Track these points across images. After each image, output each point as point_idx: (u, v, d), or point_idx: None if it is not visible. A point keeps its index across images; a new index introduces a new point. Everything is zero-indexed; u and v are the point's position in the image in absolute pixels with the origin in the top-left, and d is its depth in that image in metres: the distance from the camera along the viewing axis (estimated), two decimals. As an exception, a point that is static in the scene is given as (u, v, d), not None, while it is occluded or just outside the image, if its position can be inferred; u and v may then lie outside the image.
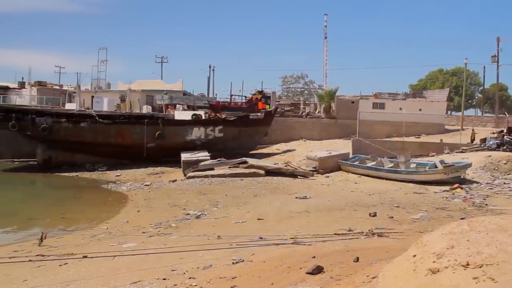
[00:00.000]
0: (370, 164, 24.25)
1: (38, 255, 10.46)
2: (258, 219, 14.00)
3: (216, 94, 57.70)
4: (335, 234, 10.78)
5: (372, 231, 10.95)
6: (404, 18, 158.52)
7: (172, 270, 7.94)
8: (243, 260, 8.25)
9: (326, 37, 64.76)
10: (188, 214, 15.58)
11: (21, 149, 33.47)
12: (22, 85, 53.12)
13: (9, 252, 11.18)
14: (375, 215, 13.63)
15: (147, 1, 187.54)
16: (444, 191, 18.74)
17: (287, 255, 8.44)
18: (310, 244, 9.65)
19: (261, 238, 10.64)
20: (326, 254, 8.27)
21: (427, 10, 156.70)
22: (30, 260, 9.96)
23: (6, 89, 51.45)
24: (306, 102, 57.08)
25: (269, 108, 39.40)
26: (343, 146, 29.87)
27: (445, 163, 21.64)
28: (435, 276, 3.79)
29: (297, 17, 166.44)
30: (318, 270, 6.72)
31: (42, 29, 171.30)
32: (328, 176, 23.52)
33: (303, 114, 44.01)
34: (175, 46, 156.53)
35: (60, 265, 9.39)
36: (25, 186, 25.33)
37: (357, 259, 7.21)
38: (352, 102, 39.32)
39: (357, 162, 24.91)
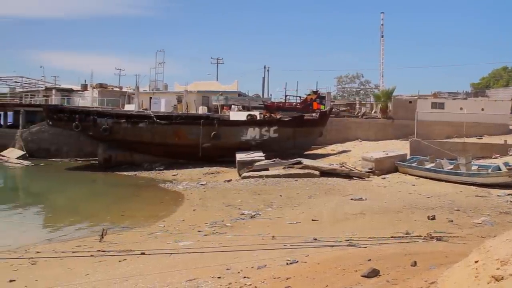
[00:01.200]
0: (428, 165, 23.54)
1: (99, 250, 10.86)
2: (313, 220, 13.91)
3: (271, 95, 57.73)
4: (391, 237, 10.53)
5: (430, 234, 10.61)
6: (464, 14, 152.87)
7: (227, 269, 8.01)
8: (297, 261, 8.20)
9: (382, 36, 63.36)
10: (242, 214, 15.68)
11: (84, 149, 34.92)
12: (84, 87, 55.27)
13: (73, 247, 11.68)
14: (433, 218, 13.21)
15: (204, 4, 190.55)
16: (508, 194, 17.90)
17: (342, 257, 8.33)
18: (365, 247, 9.48)
19: (316, 239, 10.55)
20: (382, 257, 8.09)
21: (489, 6, 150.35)
22: (91, 255, 10.35)
23: (70, 91, 53.75)
24: (362, 102, 56.16)
25: (324, 109, 39.04)
26: (400, 147, 29.14)
27: (509, 166, 20.66)
28: (499, 284, 3.62)
29: (352, 16, 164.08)
30: (374, 273, 6.59)
31: (103, 34, 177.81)
32: (384, 178, 23.02)
33: (359, 114, 43.31)
34: (231, 48, 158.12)
35: (119, 261, 9.69)
36: (87, 184, 26.37)
37: (415, 263, 7.01)
38: (410, 102, 38.27)
39: (415, 163, 24.23)
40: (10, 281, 8.69)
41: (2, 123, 50.66)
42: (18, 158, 35.52)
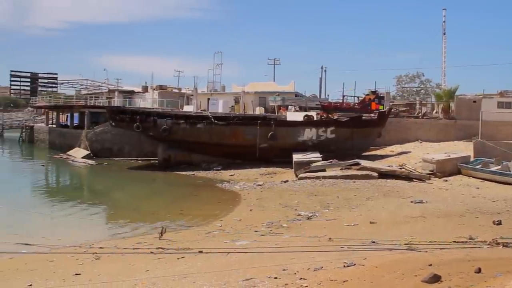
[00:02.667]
0: (494, 168, 22.52)
1: (158, 248, 11.14)
2: (371, 222, 13.65)
3: (328, 95, 57.25)
4: (453, 241, 10.15)
5: (496, 240, 10.13)
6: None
7: (283, 270, 8.00)
8: (355, 264, 8.07)
9: (444, 33, 61.13)
10: (299, 214, 15.63)
11: (144, 149, 35.97)
12: (145, 89, 56.95)
13: (134, 244, 12.05)
14: (500, 223, 12.62)
15: (261, 6, 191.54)
16: None
17: (401, 261, 8.12)
18: (426, 251, 9.19)
19: (374, 242, 10.34)
20: (443, 262, 7.82)
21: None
22: (151, 252, 10.62)
23: (131, 93, 55.55)
24: (423, 102, 54.46)
25: (383, 109, 38.21)
26: (464, 149, 28.08)
27: None
28: None
29: (412, 14, 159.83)
30: (435, 279, 6.37)
31: (164, 37, 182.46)
32: (446, 180, 22.25)
33: (419, 114, 42.06)
34: (287, 48, 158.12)
35: (178, 259, 9.89)
36: (148, 183, 27.15)
37: (479, 270, 6.72)
38: (474, 101, 36.73)
39: (479, 166, 23.25)
40: (76, 274, 9.08)
41: (68, 124, 53.11)
42: (83, 157, 37.09)
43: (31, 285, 8.44)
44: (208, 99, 47.37)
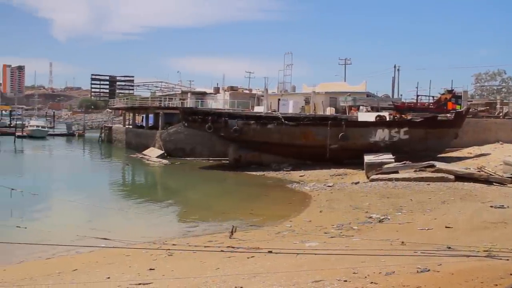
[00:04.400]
0: None
1: (228, 246, 11.30)
2: (446, 227, 13.10)
3: (401, 95, 55.56)
4: (539, 250, 9.52)
5: None
6: None
7: (354, 273, 7.86)
8: (429, 270, 7.77)
9: (529, 29, 57.60)
10: (370, 217, 15.32)
11: (216, 149, 36.68)
12: (217, 90, 58.07)
13: (205, 242, 12.32)
14: None
15: (330, 5, 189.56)
16: None
17: (479, 269, 7.71)
18: (507, 259, 8.68)
19: (449, 247, 9.91)
20: (527, 271, 7.34)
21: None
22: (222, 251, 10.79)
23: (203, 94, 56.82)
24: (504, 101, 51.64)
25: (460, 109, 36.57)
26: (550, 151, 26.32)
27: None
28: None
29: (491, 9, 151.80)
30: (517, 288, 6.01)
31: (235, 39, 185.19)
32: (530, 184, 20.93)
33: (500, 114, 39.89)
34: (359, 48, 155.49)
35: (247, 258, 9.98)
36: (219, 182, 27.65)
37: None
38: (562, 100, 34.38)
39: None
40: (150, 269, 9.41)
41: (144, 124, 55.20)
42: (157, 157, 38.44)
43: (109, 277, 8.84)
44: (279, 99, 47.44)
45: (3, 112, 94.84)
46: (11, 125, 76.85)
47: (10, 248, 11.67)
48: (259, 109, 43.89)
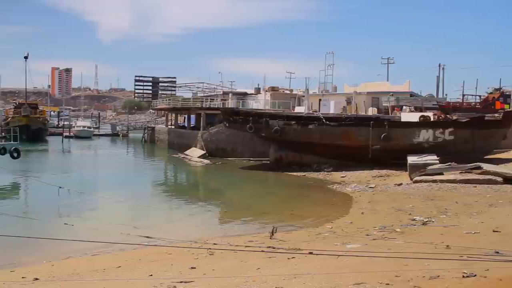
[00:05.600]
0: None
1: (269, 247, 11.30)
2: (494, 231, 12.66)
3: (446, 95, 54.30)
4: None
5: None
6: None
7: (396, 276, 7.71)
8: (475, 275, 7.53)
9: None
10: (413, 219, 15.01)
11: (256, 149, 36.79)
12: (257, 90, 58.32)
13: (245, 242, 12.36)
14: None
15: (371, 4, 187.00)
16: None
17: (530, 275, 7.42)
18: (560, 266, 8.32)
19: (497, 252, 9.57)
20: None
21: None
22: (262, 251, 10.80)
23: (244, 95, 57.17)
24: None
25: (509, 108, 35.35)
26: None
27: None
28: None
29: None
30: None
31: (275, 39, 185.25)
32: None
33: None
34: (402, 47, 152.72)
35: (288, 258, 9.95)
36: (259, 183, 27.74)
37: None
38: None
39: None
40: (191, 268, 9.52)
41: (186, 125, 55.98)
42: (199, 157, 38.92)
43: (151, 275, 8.99)
44: (320, 100, 47.18)
45: (52, 113, 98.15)
46: (59, 126, 79.48)
47: (58, 244, 12.07)
48: (300, 110, 43.78)
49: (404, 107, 39.81)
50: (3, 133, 53.33)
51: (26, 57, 68.92)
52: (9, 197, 23.13)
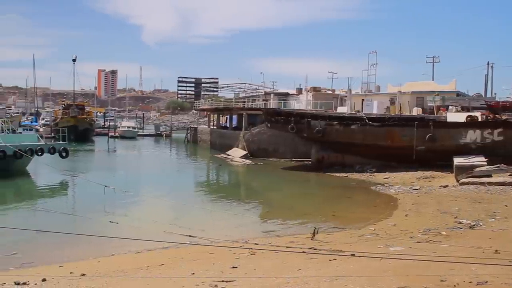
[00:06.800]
0: None
1: (310, 248, 11.24)
2: (546, 236, 12.17)
3: (495, 94, 52.47)
4: None
5: None
6: None
7: (441, 281, 7.51)
8: (526, 281, 7.25)
9: None
10: (460, 222, 14.60)
11: (298, 149, 36.67)
12: (299, 91, 58.17)
13: (286, 242, 12.34)
14: None
15: (414, 2, 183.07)
16: None
17: None
18: None
19: (550, 258, 9.19)
20: None
21: None
22: (303, 252, 10.75)
23: (286, 95, 57.11)
24: None
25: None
26: None
27: None
28: None
29: None
30: None
31: (317, 39, 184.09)
32: None
33: None
34: (448, 45, 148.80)
35: (329, 260, 9.87)
36: (301, 183, 27.63)
37: None
38: None
39: None
40: (233, 267, 9.57)
41: (228, 125, 56.40)
42: (241, 157, 39.14)
43: (193, 273, 9.10)
44: (363, 100, 46.58)
45: (98, 114, 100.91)
46: (105, 126, 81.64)
47: (104, 241, 12.39)
48: (342, 110, 43.39)
49: (450, 107, 38.75)
50: (52, 134, 55.36)
51: (74, 60, 71.25)
52: (58, 195, 23.96)
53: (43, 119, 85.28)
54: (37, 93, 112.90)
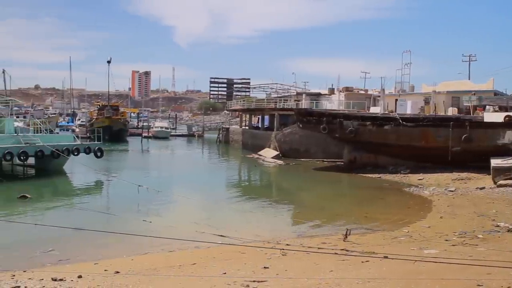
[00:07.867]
0: None
1: (342, 249, 11.14)
2: None
3: (534, 93, 50.89)
4: None
5: None
6: None
7: (478, 285, 7.33)
8: None
9: None
10: (497, 225, 14.23)
11: (330, 150, 36.42)
12: (331, 91, 57.73)
13: (318, 244, 12.27)
14: None
15: (453, 1, 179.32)
16: None
17: None
18: None
19: None
20: None
21: None
22: (335, 253, 10.67)
23: (318, 95, 56.76)
24: None
25: None
26: None
27: None
28: None
29: None
30: None
31: (349, 38, 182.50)
32: None
33: None
34: (485, 43, 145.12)
35: (362, 262, 9.76)
36: (332, 184, 27.42)
37: None
38: None
39: None
40: (264, 267, 9.58)
41: (260, 125, 56.47)
42: (272, 157, 39.12)
43: (225, 273, 9.14)
44: (396, 100, 45.88)
45: (132, 114, 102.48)
46: (139, 127, 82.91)
47: (137, 239, 12.59)
48: (375, 110, 42.86)
49: (487, 106, 37.78)
50: (88, 134, 56.55)
51: (109, 62, 72.55)
52: (93, 194, 24.45)
53: (79, 119, 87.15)
54: (73, 94, 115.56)
